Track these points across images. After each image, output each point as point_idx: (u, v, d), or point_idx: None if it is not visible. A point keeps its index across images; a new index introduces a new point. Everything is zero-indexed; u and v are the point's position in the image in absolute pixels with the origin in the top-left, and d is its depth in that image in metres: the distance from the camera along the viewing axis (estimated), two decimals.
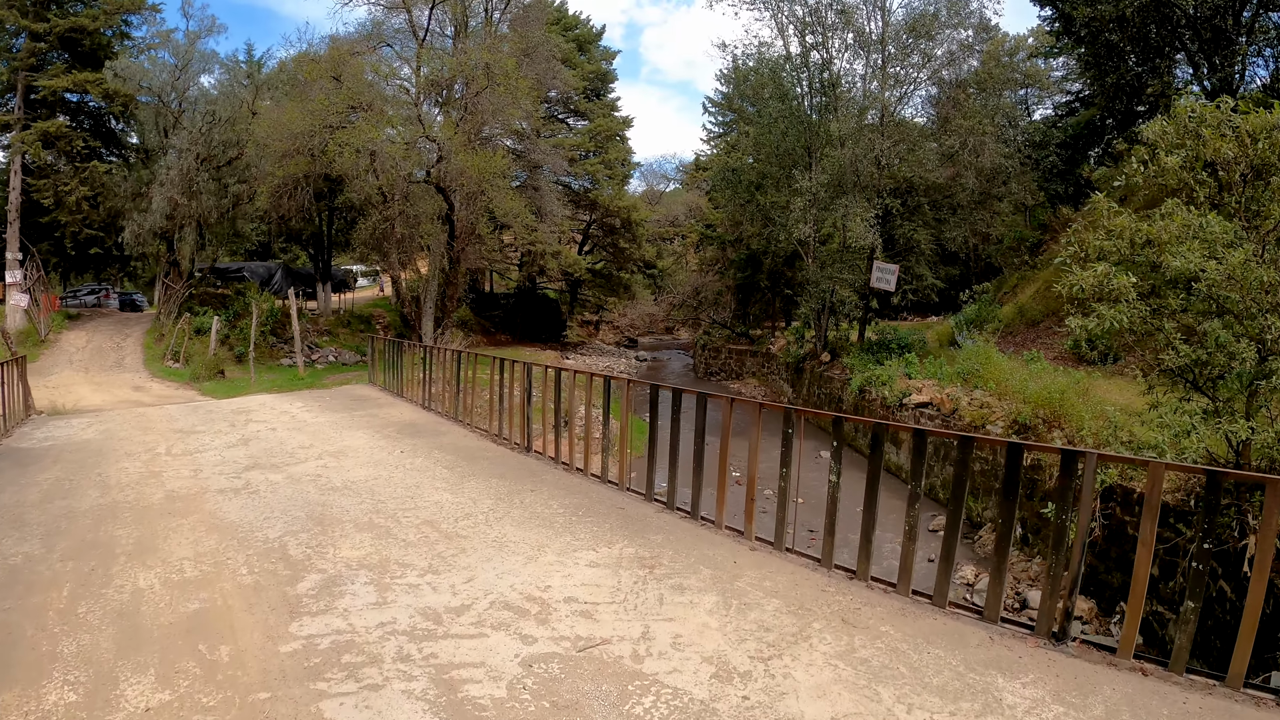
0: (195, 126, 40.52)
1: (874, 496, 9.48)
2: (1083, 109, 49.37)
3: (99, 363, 34.98)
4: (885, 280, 34.21)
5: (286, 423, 18.79)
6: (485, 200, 36.99)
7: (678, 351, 71.86)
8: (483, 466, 14.36)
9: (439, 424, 19.15)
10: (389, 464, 14.33)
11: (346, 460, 14.57)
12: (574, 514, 11.36)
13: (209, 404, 22.74)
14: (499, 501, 11.88)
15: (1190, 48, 32.07)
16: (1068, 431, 18.94)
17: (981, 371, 24.94)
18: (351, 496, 12.06)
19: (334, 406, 21.49)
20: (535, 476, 13.67)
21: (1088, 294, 12.00)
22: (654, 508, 12.23)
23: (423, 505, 11.60)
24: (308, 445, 15.99)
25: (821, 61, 37.69)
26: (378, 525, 10.60)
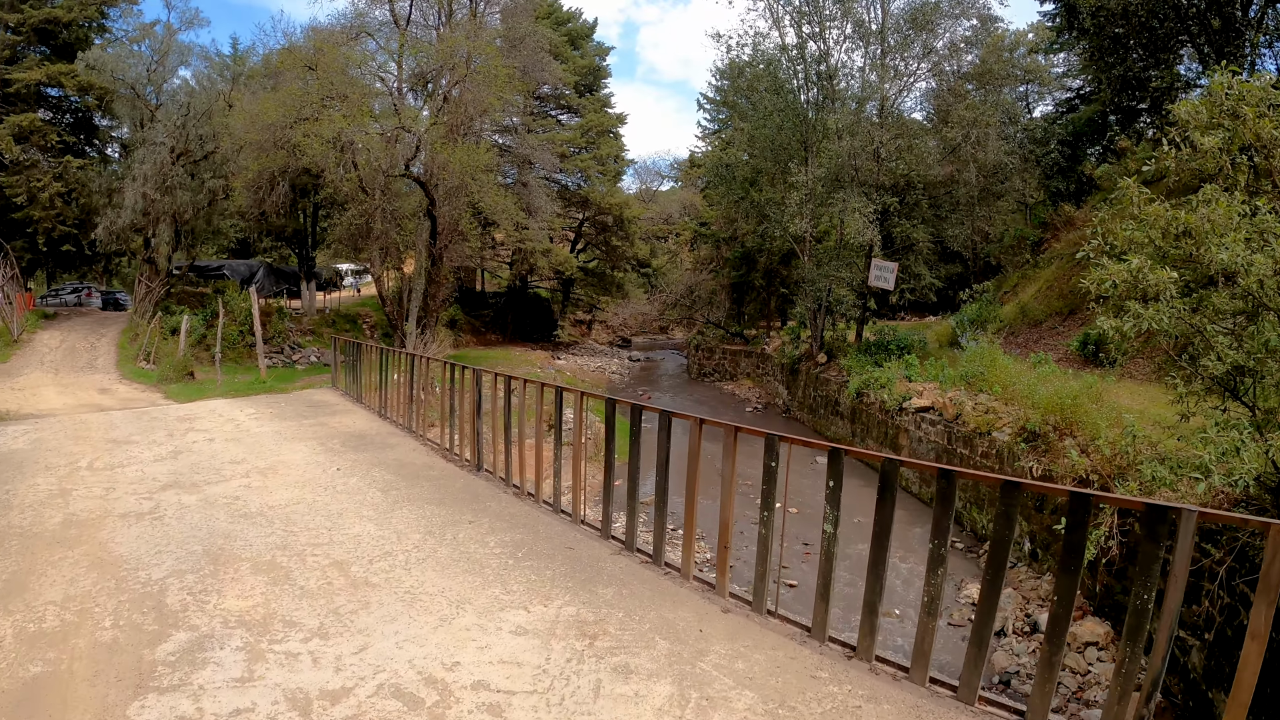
0: (170, 120, 39.33)
1: (883, 555, 7.61)
2: (1083, 105, 48.60)
3: (70, 364, 33.85)
4: (884, 279, 33.08)
5: (229, 432, 17.54)
6: (469, 196, 35.84)
7: (672, 352, 70.75)
8: (422, 489, 12.99)
9: (390, 435, 17.71)
10: (318, 484, 13.02)
11: (274, 479, 13.27)
12: (512, 555, 9.85)
13: (158, 410, 21.36)
14: (428, 536, 10.46)
15: (1198, 40, 30.98)
16: (1081, 440, 17.71)
17: (986, 374, 23.69)
18: (262, 526, 10.73)
19: (285, 414, 20.17)
20: (478, 503, 12.26)
21: (1120, 290, 10.70)
22: (610, 548, 10.56)
23: (339, 540, 10.21)
24: (239, 460, 14.71)
25: (819, 53, 36.60)
26: (278, 566, 9.23)
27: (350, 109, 31.83)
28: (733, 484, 9.08)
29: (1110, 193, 39.73)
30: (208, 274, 49.17)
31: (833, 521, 8.05)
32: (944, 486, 7.00)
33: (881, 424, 28.10)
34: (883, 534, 7.58)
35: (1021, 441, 19.39)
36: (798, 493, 25.43)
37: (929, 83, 38.06)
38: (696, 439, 9.66)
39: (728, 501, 9.26)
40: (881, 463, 7.60)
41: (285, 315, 43.81)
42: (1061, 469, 17.38)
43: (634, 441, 10.52)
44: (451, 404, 15.72)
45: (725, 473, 9.17)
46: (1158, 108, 34.30)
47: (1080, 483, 16.82)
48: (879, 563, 7.55)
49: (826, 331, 38.01)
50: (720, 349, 53.44)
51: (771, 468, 8.49)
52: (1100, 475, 16.16)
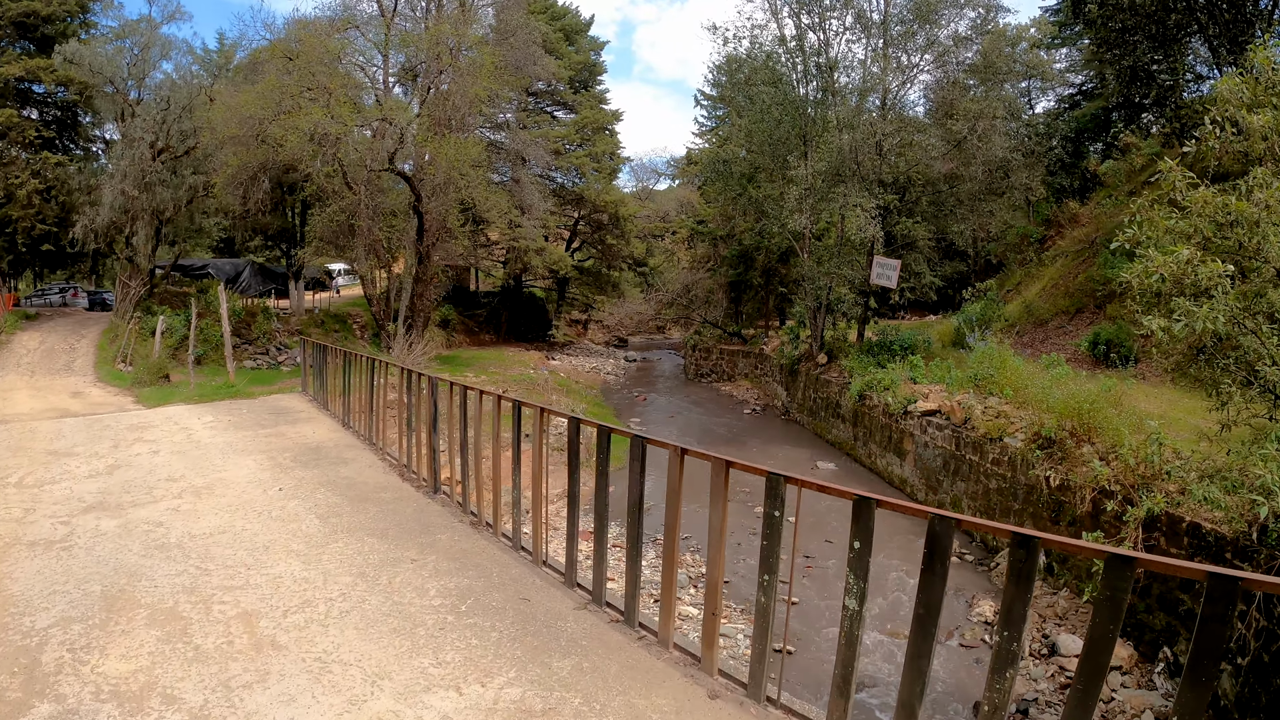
0: (150, 115, 38.33)
1: (928, 643, 5.42)
2: (1086, 101, 47.97)
3: (47, 365, 32.93)
4: (886, 277, 32.08)
5: (179, 443, 16.31)
6: (457, 192, 34.86)
7: (669, 351, 70.08)
8: (367, 516, 11.47)
9: (348, 448, 16.17)
10: (253, 508, 11.67)
11: (207, 501, 11.98)
12: (454, 608, 8.14)
13: (113, 417, 20.15)
14: (360, 579, 8.90)
15: (1208, 31, 30.04)
16: (1100, 447, 16.66)
17: (996, 376, 22.58)
18: (176, 562, 9.39)
19: (243, 422, 18.87)
20: (427, 534, 10.67)
21: (1167, 286, 9.56)
22: (573, 600, 8.76)
23: (256, 582, 8.76)
24: (177, 476, 13.45)
25: (818, 44, 35.79)
26: (178, 616, 7.87)
27: (331, 101, 30.80)
28: (722, 535, 7.33)
29: (1114, 189, 39.26)
30: (192, 273, 48.28)
31: (858, 595, 5.93)
32: (1021, 559, 4.99)
33: (885, 428, 27.09)
34: (929, 614, 5.39)
35: (1036, 448, 18.31)
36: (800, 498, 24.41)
37: (932, 75, 37.11)
38: (677, 475, 7.80)
39: (716, 558, 7.41)
40: (930, 521, 5.46)
41: (271, 315, 42.89)
42: (1081, 478, 16.35)
43: (601, 474, 8.75)
44: (408, 415, 14.13)
45: (714, 521, 7.37)
46: (1164, 102, 33.45)
47: (1101, 494, 15.83)
48: (922, 653, 5.42)
49: (827, 331, 37.08)
50: (718, 349, 52.72)
51: (774, 518, 6.62)
52: (1123, 486, 15.13)
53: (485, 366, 44.10)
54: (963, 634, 15.93)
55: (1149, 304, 10.29)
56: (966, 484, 21.51)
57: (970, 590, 17.96)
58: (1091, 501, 16.05)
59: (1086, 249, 34.41)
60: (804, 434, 34.52)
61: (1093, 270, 31.26)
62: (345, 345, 41.55)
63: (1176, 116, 33.21)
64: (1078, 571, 16.53)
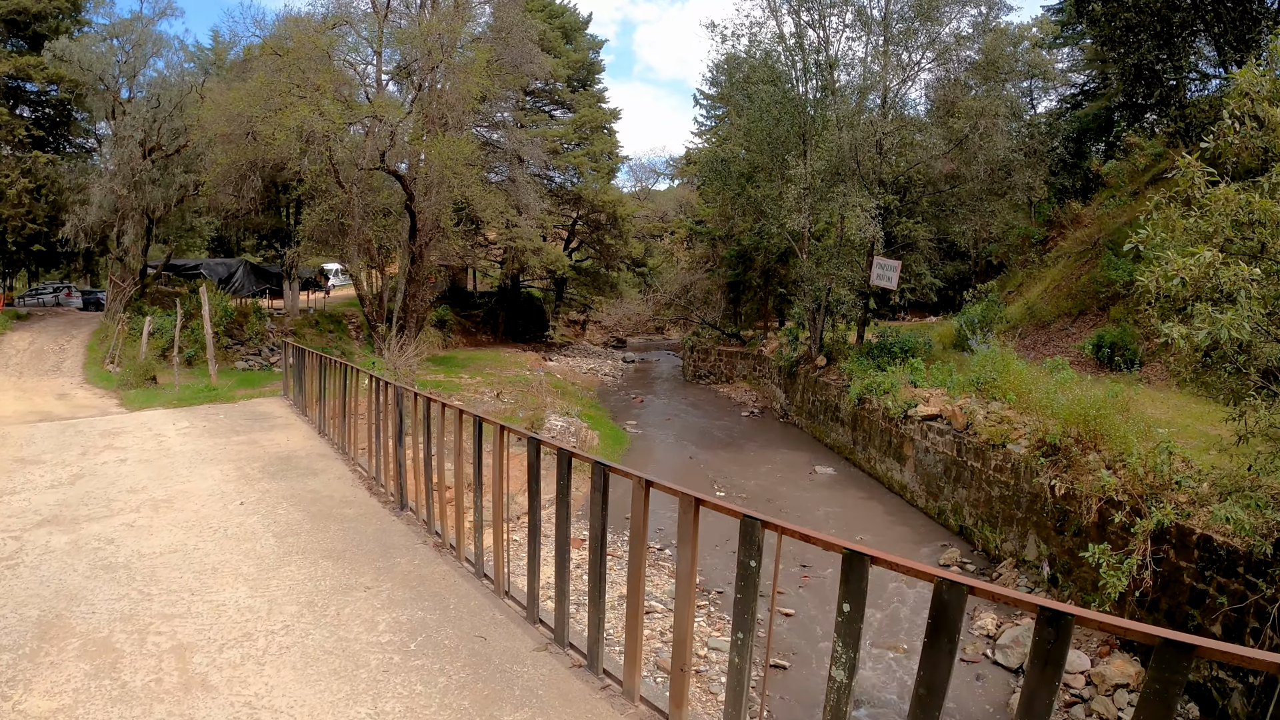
0: (140, 113, 37.83)
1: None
2: (1088, 101, 47.63)
3: (36, 366, 32.46)
4: (886, 278, 31.60)
5: (148, 450, 15.72)
6: (450, 191, 34.37)
7: (667, 352, 69.76)
8: (327, 535, 10.80)
9: (320, 458, 15.51)
10: (210, 524, 11.06)
11: (164, 515, 11.39)
12: (403, 647, 7.45)
13: (87, 422, 19.57)
14: (307, 609, 8.29)
15: (1214, 29, 29.58)
16: (1106, 455, 16.14)
17: (999, 380, 22.05)
18: (120, 584, 8.82)
19: (218, 428, 18.29)
20: (386, 558, 9.97)
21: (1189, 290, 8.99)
22: (533, 639, 7.94)
23: (197, 610, 8.18)
24: (139, 488, 12.87)
25: (818, 42, 35.33)
26: (111, 648, 7.30)
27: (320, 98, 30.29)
28: (691, 581, 6.41)
29: (1116, 189, 38.83)
30: (185, 273, 47.73)
31: (847, 666, 4.84)
32: (1049, 639, 3.95)
33: (885, 432, 26.61)
34: (932, 697, 4.41)
35: (1040, 455, 17.80)
36: (795, 507, 24.00)
37: (933, 74, 36.69)
38: (641, 510, 6.79)
39: (685, 608, 6.41)
40: (936, 586, 4.37)
41: (264, 316, 42.35)
42: (1087, 487, 15.85)
43: (562, 503, 7.80)
44: (376, 426, 13.42)
45: (681, 567, 6.46)
46: (1168, 101, 32.96)
47: (1108, 504, 15.32)
48: None
49: (826, 333, 36.67)
50: (716, 350, 52.35)
51: (750, 568, 5.60)
52: (1131, 496, 14.61)
53: (481, 368, 43.74)
54: (963, 648, 15.42)
55: (1165, 309, 9.74)
56: (968, 491, 21.01)
57: (972, 601, 17.44)
58: (1098, 512, 15.55)
59: (1089, 250, 33.97)
60: (802, 437, 34.09)
61: (1096, 272, 30.85)
62: (339, 346, 41.39)
63: (1181, 116, 32.72)
64: (1082, 583, 16.03)
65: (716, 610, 17.23)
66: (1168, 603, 13.79)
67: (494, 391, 36.12)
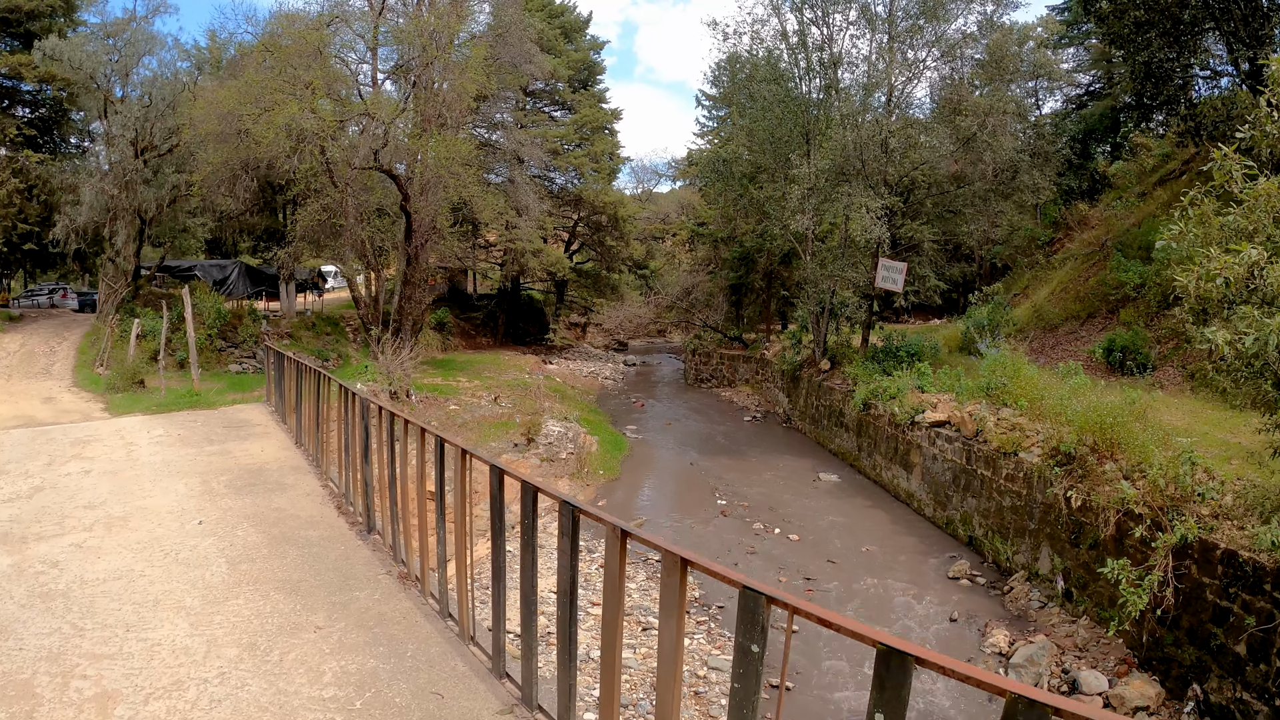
0: (131, 112, 37.30)
1: None
2: (1093, 102, 47.23)
3: (25, 369, 32.00)
4: (892, 280, 31.01)
5: (117, 461, 14.88)
6: (446, 191, 33.83)
7: (669, 355, 69.44)
8: (285, 561, 9.80)
9: (292, 471, 14.40)
10: (162, 546, 10.17)
11: (117, 535, 10.53)
12: (346, 705, 6.47)
13: (62, 429, 18.69)
14: (248, 652, 7.27)
15: (1224, 25, 28.99)
16: (1124, 464, 15.49)
17: (1010, 386, 21.38)
18: (55, 616, 8.01)
19: (193, 437, 17.38)
20: (345, 591, 8.94)
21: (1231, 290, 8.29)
22: (498, 700, 6.78)
23: (130, 650, 7.32)
24: (98, 503, 12.03)
25: (821, 39, 34.72)
26: (30, 693, 6.50)
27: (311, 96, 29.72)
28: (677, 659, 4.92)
29: (1124, 190, 38.25)
30: (179, 274, 47.24)
31: None
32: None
33: (891, 439, 26.01)
34: None
35: (1054, 464, 17.12)
36: (799, 516, 23.37)
37: (939, 72, 36.06)
38: (617, 564, 5.55)
39: (669, 700, 4.90)
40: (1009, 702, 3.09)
41: (259, 317, 41.80)
42: (1104, 498, 15.18)
43: (528, 547, 6.47)
44: (345, 439, 12.27)
45: (664, 645, 4.98)
46: (1176, 100, 32.40)
47: (1126, 516, 14.67)
48: None
49: (830, 336, 36.17)
50: (718, 354, 51.95)
51: (751, 654, 4.22)
52: (1151, 508, 13.97)
53: (479, 371, 43.28)
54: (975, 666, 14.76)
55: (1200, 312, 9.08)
56: (978, 500, 20.38)
57: (982, 617, 16.80)
58: (1116, 524, 14.89)
59: (1097, 252, 33.39)
60: (806, 443, 33.54)
61: (1104, 274, 30.28)
62: (336, 349, 40.89)
63: (1192, 115, 32.14)
64: (1099, 599, 15.40)
65: (717, 626, 16.55)
66: (1189, 620, 13.18)
67: (491, 395, 35.65)
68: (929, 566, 19.64)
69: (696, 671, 14.40)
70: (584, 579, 18.96)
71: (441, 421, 29.26)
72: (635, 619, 16.50)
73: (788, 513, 23.70)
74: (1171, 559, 13.23)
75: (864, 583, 18.53)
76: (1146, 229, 29.69)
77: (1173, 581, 13.19)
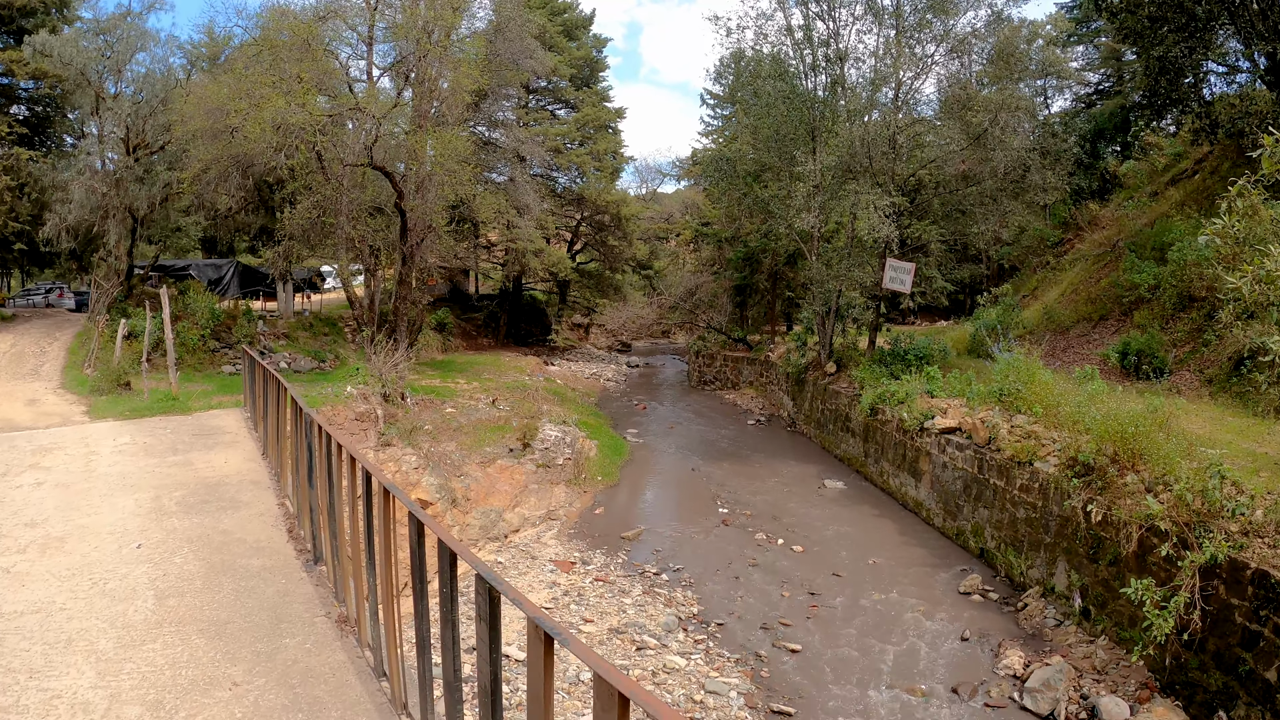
0: (122, 108, 36.66)
1: None
2: (1102, 101, 46.65)
3: (13, 369, 31.35)
4: (899, 280, 30.34)
5: (73, 472, 13.80)
6: (442, 189, 33.13)
7: (672, 357, 69.00)
8: (217, 597, 8.66)
9: (252, 486, 13.10)
10: (93, 574, 9.09)
11: (47, 561, 9.49)
12: None
13: (27, 436, 17.61)
14: (151, 712, 6.28)
15: (1240, 19, 28.17)
16: (1146, 476, 14.68)
17: (1024, 391, 20.53)
18: None
19: (158, 446, 16.24)
20: (274, 638, 7.75)
21: None
22: None
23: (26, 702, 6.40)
24: (41, 520, 11.02)
25: (827, 34, 33.96)
26: None
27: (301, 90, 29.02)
28: None
29: (1135, 190, 37.52)
30: (174, 274, 46.66)
31: None
32: None
33: (899, 445, 25.26)
34: None
35: (1072, 475, 16.28)
36: (803, 525, 22.62)
37: (947, 68, 35.34)
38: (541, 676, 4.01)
39: None
40: None
41: (255, 317, 41.15)
42: (1125, 512, 14.36)
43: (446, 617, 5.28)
44: (296, 456, 11.04)
45: None
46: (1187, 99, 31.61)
47: (1150, 532, 13.86)
48: None
49: (836, 338, 35.51)
50: (722, 355, 51.49)
51: None
52: (1176, 524, 13.17)
53: (479, 372, 42.64)
54: (988, 690, 14.00)
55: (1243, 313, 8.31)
56: (990, 511, 19.60)
57: (995, 635, 15.99)
58: (1138, 540, 14.07)
59: (1109, 252, 32.67)
60: (811, 448, 32.83)
61: (1116, 275, 29.56)
62: (333, 350, 40.18)
63: (1207, 112, 31.32)
64: (1119, 618, 14.61)
65: (716, 645, 15.74)
66: (1216, 644, 12.42)
67: (490, 398, 34.99)
68: (939, 580, 18.85)
69: (693, 696, 13.66)
70: (578, 593, 18.25)
71: (437, 425, 28.59)
72: (629, 637, 15.72)
73: (791, 521, 22.98)
74: (1198, 579, 12.47)
75: (871, 597, 17.75)
76: (1160, 229, 29.01)
77: (1199, 603, 12.43)
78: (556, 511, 24.83)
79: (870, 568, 19.59)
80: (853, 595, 17.94)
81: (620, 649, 15.10)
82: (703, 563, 20.06)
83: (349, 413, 24.31)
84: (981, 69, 34.90)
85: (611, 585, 18.42)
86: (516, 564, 20.32)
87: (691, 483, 27.64)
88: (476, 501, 23.49)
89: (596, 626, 16.10)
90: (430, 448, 25.28)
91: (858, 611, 17.12)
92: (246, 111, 28.41)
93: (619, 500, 25.90)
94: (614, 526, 23.18)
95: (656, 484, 28.32)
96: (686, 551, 20.84)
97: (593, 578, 19.04)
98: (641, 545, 21.53)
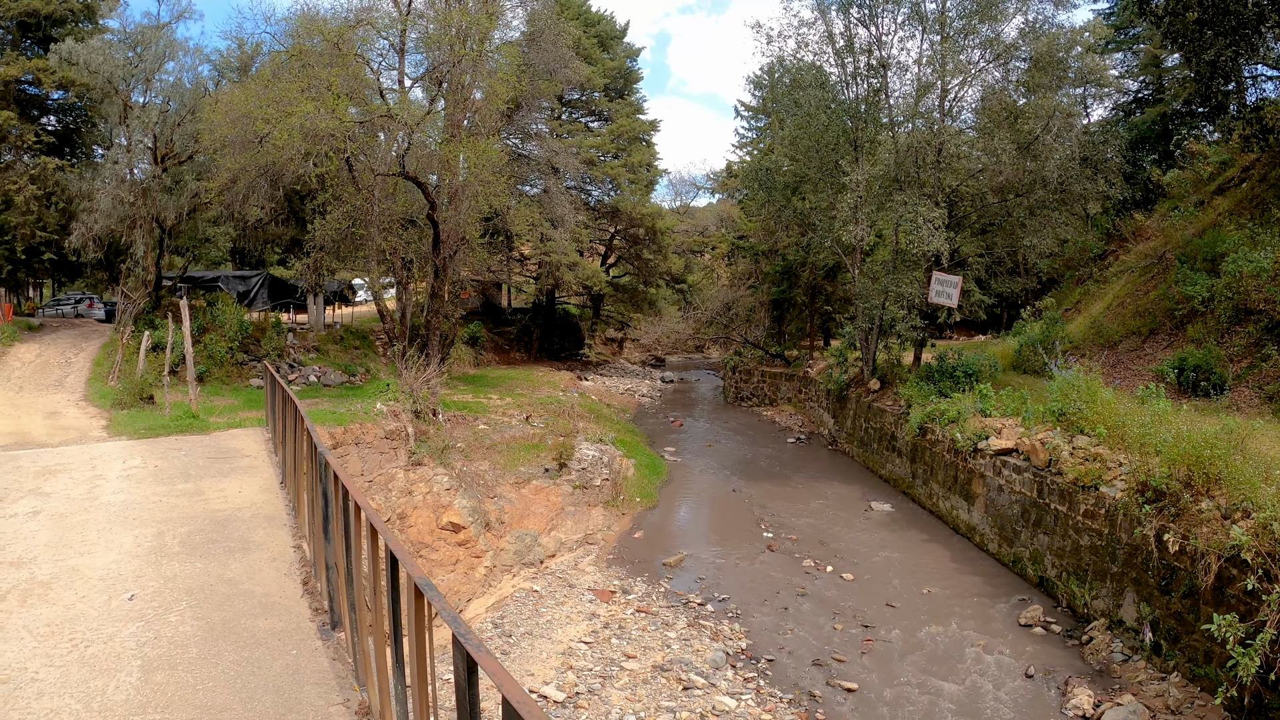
0: (149, 118, 36.33)
1: None
2: (1141, 109, 45.80)
3: (38, 381, 30.97)
4: (946, 294, 29.47)
5: (74, 499, 12.65)
6: (475, 200, 32.58)
7: (707, 372, 68.80)
8: (215, 670, 7.06)
9: (266, 523, 11.50)
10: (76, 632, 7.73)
11: (29, 610, 8.20)
12: None
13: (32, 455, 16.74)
14: None
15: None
16: (1223, 502, 13.73)
17: (1086, 411, 19.55)
18: None
19: (169, 471, 15.01)
20: None
21: None
22: None
23: None
24: (29, 559, 9.73)
25: (869, 41, 33.30)
26: None
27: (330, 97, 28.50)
28: None
29: (1179, 199, 36.53)
30: (202, 285, 46.42)
31: None
32: None
33: (950, 467, 24.31)
34: None
35: (1142, 501, 15.30)
36: (851, 553, 21.69)
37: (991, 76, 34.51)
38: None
39: None
40: None
41: (284, 330, 40.72)
42: (1203, 541, 13.40)
43: None
44: (310, 498, 9.51)
45: None
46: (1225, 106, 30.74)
47: (1229, 563, 12.91)
48: None
49: (879, 353, 34.45)
50: (759, 371, 50.86)
51: None
52: (1261, 555, 12.24)
53: (512, 387, 42.11)
54: None
55: None
56: (1050, 538, 18.62)
57: (1060, 671, 15.01)
58: (1217, 572, 13.13)
59: (1156, 264, 31.61)
60: (854, 467, 31.96)
61: (1165, 287, 28.50)
62: (364, 364, 39.70)
63: (1258, 118, 30.31)
64: (1192, 654, 13.67)
65: (767, 684, 14.76)
66: None
67: (523, 414, 34.37)
68: (997, 611, 17.88)
69: None
70: (619, 625, 17.41)
71: (469, 443, 27.96)
72: (675, 675, 14.86)
73: (839, 547, 22.09)
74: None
75: (927, 630, 16.81)
76: (1210, 239, 28.01)
77: None
78: (594, 535, 24.10)
79: (925, 597, 18.67)
80: (908, 628, 17.03)
81: (666, 688, 14.18)
82: (749, 592, 19.20)
83: (379, 430, 23.63)
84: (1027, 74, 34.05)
85: (654, 617, 17.58)
86: (553, 592, 19.49)
87: (733, 505, 26.82)
88: (511, 525, 22.74)
89: (640, 663, 15.24)
90: (463, 467, 24.61)
91: (915, 645, 16.21)
92: (275, 118, 27.92)
93: (658, 523, 25.13)
94: (654, 552, 22.38)
95: (696, 506, 27.56)
96: (731, 579, 20.00)
97: (634, 608, 18.20)
98: (684, 572, 20.71)
